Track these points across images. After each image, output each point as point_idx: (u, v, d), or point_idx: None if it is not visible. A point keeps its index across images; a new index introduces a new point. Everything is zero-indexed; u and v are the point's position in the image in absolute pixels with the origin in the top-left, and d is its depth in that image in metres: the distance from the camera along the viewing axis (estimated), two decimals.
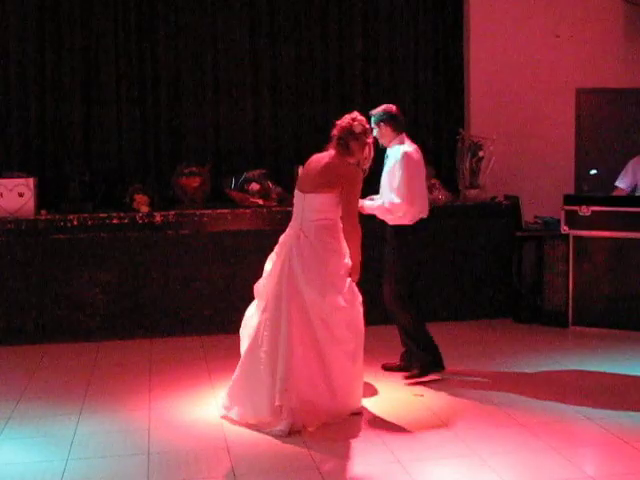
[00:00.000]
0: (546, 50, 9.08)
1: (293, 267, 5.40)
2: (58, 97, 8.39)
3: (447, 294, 8.24)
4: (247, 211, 7.81)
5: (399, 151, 6.09)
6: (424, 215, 6.31)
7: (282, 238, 5.58)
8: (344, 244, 5.51)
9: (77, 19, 8.35)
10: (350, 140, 5.55)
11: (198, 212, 7.78)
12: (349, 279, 5.52)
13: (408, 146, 6.17)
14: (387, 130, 6.18)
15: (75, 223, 7.54)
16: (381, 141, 6.19)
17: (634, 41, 9.25)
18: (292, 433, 5.15)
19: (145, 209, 7.73)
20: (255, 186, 7.88)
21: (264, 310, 5.49)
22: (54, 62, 8.36)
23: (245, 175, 8.05)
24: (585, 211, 7.74)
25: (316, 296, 5.32)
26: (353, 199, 5.49)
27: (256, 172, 8.03)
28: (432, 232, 8.02)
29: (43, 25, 8.32)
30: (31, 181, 7.69)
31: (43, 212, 7.72)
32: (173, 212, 7.71)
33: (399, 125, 6.22)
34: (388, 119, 6.17)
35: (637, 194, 7.96)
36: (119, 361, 7.01)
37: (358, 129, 5.60)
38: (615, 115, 9.33)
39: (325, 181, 5.46)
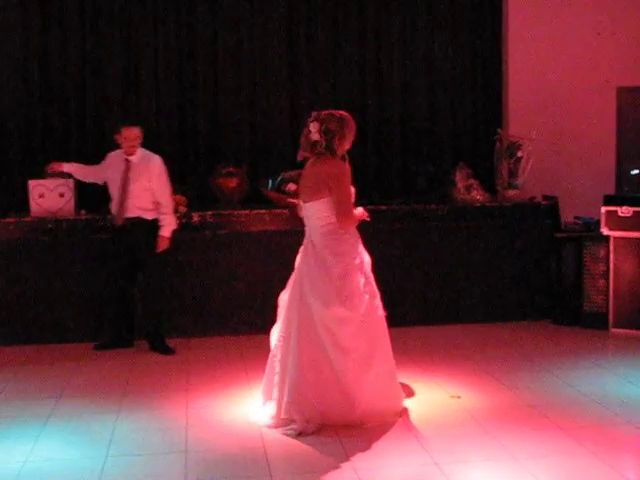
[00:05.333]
0: (586, 48, 9.00)
1: (302, 277, 5.41)
2: (98, 99, 8.49)
3: (485, 295, 8.19)
4: (284, 211, 7.83)
5: None
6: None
7: (300, 249, 5.59)
8: (351, 244, 5.38)
9: (116, 18, 8.45)
10: (336, 129, 5.35)
11: (235, 212, 7.82)
12: (362, 280, 5.37)
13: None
14: None
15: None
16: None
17: None
18: (304, 434, 5.16)
19: (183, 209, 7.77)
20: (292, 186, 7.88)
21: (281, 320, 5.54)
22: (94, 65, 8.46)
23: (282, 175, 8.06)
24: (626, 212, 7.65)
25: (319, 306, 5.28)
26: (343, 196, 5.30)
27: (293, 172, 8.01)
28: (469, 232, 8.06)
29: (84, 24, 8.42)
30: (71, 182, 7.78)
31: (83, 212, 7.81)
32: (210, 212, 7.75)
33: None
34: None
35: None
36: (157, 360, 7.06)
37: (332, 118, 5.40)
38: None
39: (315, 187, 5.36)
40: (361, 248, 5.48)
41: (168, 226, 7.21)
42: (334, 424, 5.27)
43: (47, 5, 8.36)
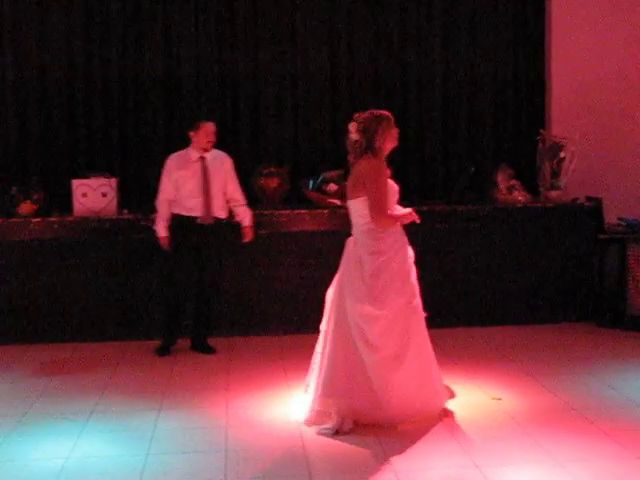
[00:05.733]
0: (630, 48, 8.87)
1: (342, 274, 5.48)
2: (140, 100, 8.57)
3: (527, 297, 8.12)
4: (325, 211, 7.83)
5: None
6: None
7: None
8: (389, 244, 5.37)
9: (158, 25, 8.52)
10: (373, 126, 5.39)
11: (276, 212, 7.83)
12: (398, 280, 5.37)
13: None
14: None
15: None
16: None
17: None
18: (340, 433, 5.17)
19: None
20: (333, 187, 7.89)
21: (325, 315, 5.59)
22: (135, 65, 8.54)
23: (323, 176, 8.07)
24: None
25: (351, 303, 5.34)
26: (375, 195, 5.29)
27: (334, 173, 8.03)
28: (511, 234, 8.02)
29: (126, 27, 8.51)
30: (114, 181, 7.85)
31: (125, 211, 7.88)
32: (252, 212, 7.77)
33: None
34: None
35: None
36: (197, 359, 7.10)
37: (370, 116, 5.45)
38: None
39: (353, 186, 5.43)
40: (403, 247, 5.46)
41: (248, 216, 7.31)
42: (365, 422, 5.28)
43: (90, 18, 8.45)
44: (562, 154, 8.29)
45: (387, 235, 5.38)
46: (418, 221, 5.49)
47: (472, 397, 5.89)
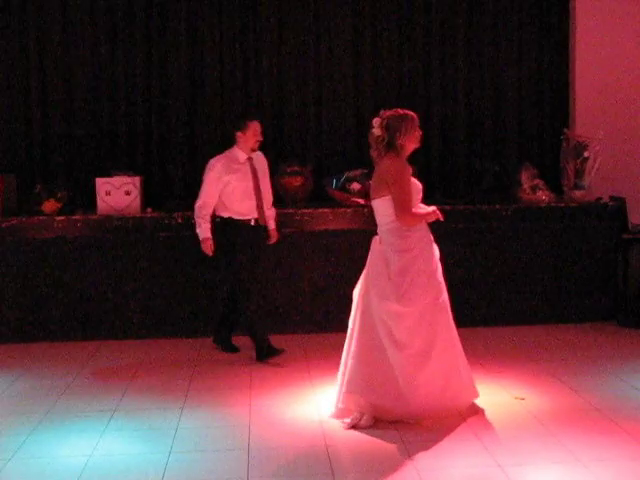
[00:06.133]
0: None
1: (368, 272, 5.51)
2: (163, 99, 8.61)
3: (550, 296, 8.09)
4: (348, 210, 7.83)
5: None
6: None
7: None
8: (414, 242, 5.40)
9: (182, 20, 8.54)
10: (396, 124, 5.42)
11: (299, 211, 7.84)
12: (425, 278, 5.38)
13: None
14: None
15: (179, 221, 7.69)
16: None
17: None
18: (357, 428, 5.24)
19: None
20: (356, 185, 7.89)
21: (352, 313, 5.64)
22: (159, 65, 8.58)
23: (346, 174, 8.07)
24: None
25: (377, 300, 5.37)
26: (399, 194, 5.33)
27: (357, 172, 8.03)
28: (535, 233, 7.98)
29: (149, 30, 8.54)
30: (137, 180, 7.89)
31: (149, 210, 7.91)
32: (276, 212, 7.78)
33: None
34: None
35: None
36: (220, 357, 7.12)
37: (394, 114, 5.49)
38: None
39: (377, 185, 5.47)
40: (429, 245, 5.49)
41: (274, 218, 7.22)
42: (388, 419, 5.32)
43: (114, 14, 8.50)
44: (586, 154, 8.24)
45: (412, 233, 5.40)
46: (442, 219, 5.53)
47: (496, 397, 5.88)
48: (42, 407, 5.81)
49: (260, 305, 7.24)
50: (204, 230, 6.92)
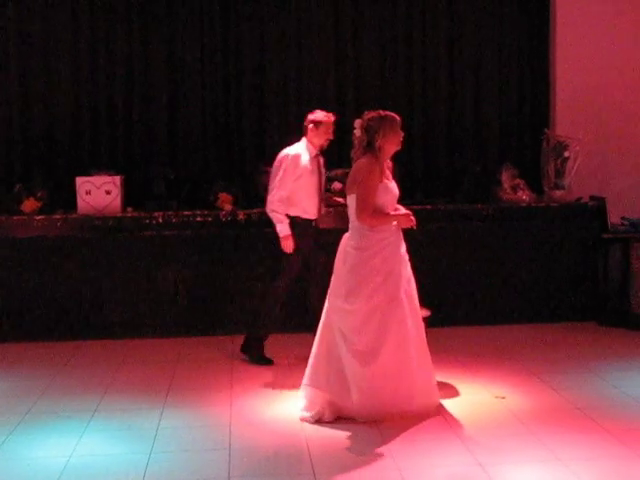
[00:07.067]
0: (634, 48, 8.85)
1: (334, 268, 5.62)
2: (144, 98, 8.55)
3: (530, 295, 8.12)
4: (329, 210, 7.82)
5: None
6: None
7: None
8: (375, 242, 5.40)
9: (163, 19, 8.51)
10: (376, 126, 5.45)
11: None
12: (379, 278, 5.38)
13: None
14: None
15: (160, 221, 7.67)
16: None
17: None
18: (321, 422, 5.34)
19: (229, 207, 7.80)
20: (338, 185, 7.87)
21: None
22: (140, 64, 8.53)
23: (328, 174, 8.05)
24: None
25: (331, 295, 5.54)
26: (360, 192, 5.37)
27: (339, 171, 8.00)
28: (515, 233, 8.02)
29: (131, 27, 8.50)
30: (118, 179, 7.85)
31: (129, 209, 7.88)
32: (256, 210, 7.73)
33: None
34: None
35: None
36: (201, 357, 7.10)
37: (375, 115, 5.52)
38: None
39: (350, 183, 5.53)
40: (392, 245, 5.44)
41: None
42: (342, 415, 5.39)
43: (95, 12, 8.43)
44: (566, 154, 8.28)
45: (374, 233, 5.42)
46: (415, 227, 5.52)
47: (476, 396, 5.90)
48: (22, 408, 5.77)
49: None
50: (284, 228, 6.59)
